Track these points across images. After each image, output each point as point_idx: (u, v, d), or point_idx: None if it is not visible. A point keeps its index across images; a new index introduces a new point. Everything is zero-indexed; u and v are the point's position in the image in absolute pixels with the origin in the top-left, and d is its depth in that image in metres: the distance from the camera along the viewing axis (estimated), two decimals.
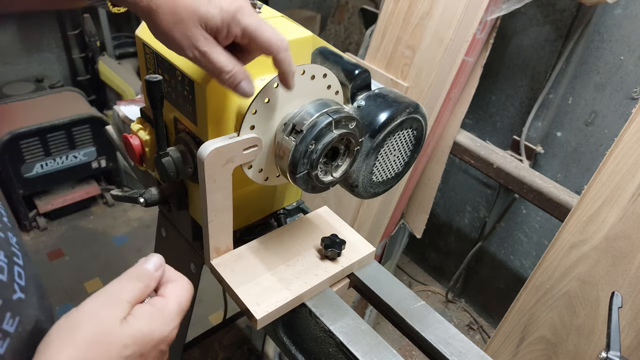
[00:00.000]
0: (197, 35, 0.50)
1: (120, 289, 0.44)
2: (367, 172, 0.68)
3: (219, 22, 0.50)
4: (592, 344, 1.15)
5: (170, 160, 0.67)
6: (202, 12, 0.49)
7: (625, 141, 1.09)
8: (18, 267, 0.44)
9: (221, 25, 0.50)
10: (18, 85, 2.39)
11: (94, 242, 2.36)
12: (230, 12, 0.50)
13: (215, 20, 0.50)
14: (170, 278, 0.49)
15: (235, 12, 0.50)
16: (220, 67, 0.52)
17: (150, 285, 0.46)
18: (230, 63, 0.52)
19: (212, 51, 0.51)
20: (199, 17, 0.49)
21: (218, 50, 0.51)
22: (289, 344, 0.71)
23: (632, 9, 1.33)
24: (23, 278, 0.44)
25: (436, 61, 1.41)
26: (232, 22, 0.50)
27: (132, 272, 0.46)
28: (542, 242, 1.80)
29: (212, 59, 0.51)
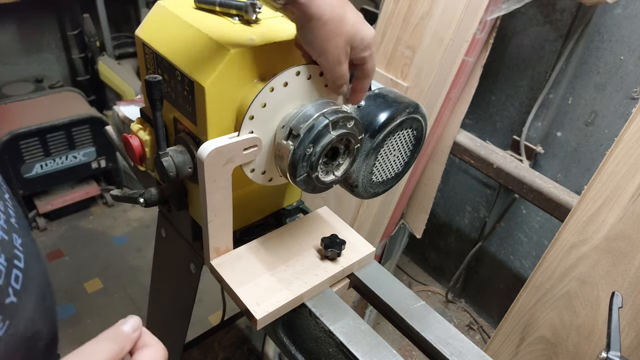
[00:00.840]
0: (343, 50, 0.58)
1: (95, 349, 0.45)
2: (367, 172, 0.68)
3: (359, 42, 0.58)
4: (592, 344, 1.15)
5: (170, 160, 0.67)
6: (356, 33, 0.57)
7: (625, 141, 1.09)
8: (17, 270, 0.45)
9: (360, 44, 0.58)
10: (18, 85, 2.39)
11: (94, 242, 2.36)
12: (370, 39, 0.59)
13: (364, 43, 0.58)
14: (147, 343, 0.49)
15: (372, 39, 0.59)
16: (342, 75, 0.60)
17: (125, 347, 0.46)
18: (347, 76, 0.61)
19: (344, 61, 0.59)
20: (351, 36, 0.57)
21: (346, 63, 0.60)
22: (288, 344, 0.71)
23: (632, 9, 1.33)
24: (20, 281, 0.45)
25: (436, 61, 1.41)
26: (367, 46, 0.59)
27: (109, 332, 0.46)
28: (542, 242, 1.80)
29: (342, 71, 0.60)
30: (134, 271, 2.22)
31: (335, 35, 0.57)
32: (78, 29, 2.51)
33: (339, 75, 0.60)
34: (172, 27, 0.67)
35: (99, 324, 1.99)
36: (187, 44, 0.64)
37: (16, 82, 2.41)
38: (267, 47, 0.63)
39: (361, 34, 0.58)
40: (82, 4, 2.44)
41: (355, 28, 0.57)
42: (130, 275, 2.20)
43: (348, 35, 0.57)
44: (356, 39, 0.58)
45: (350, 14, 0.58)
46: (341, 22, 0.56)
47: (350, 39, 0.58)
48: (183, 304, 0.97)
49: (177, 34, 0.66)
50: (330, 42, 0.57)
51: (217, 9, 0.67)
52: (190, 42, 0.63)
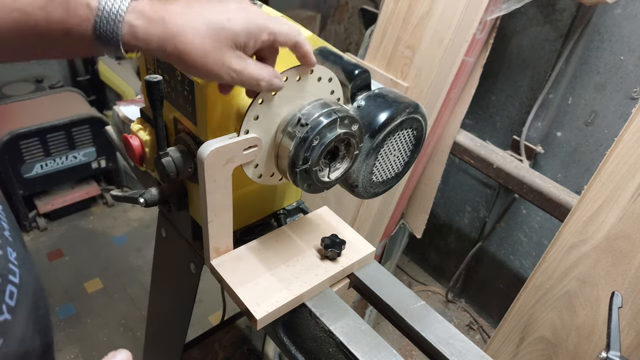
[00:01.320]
0: (229, 57, 0.51)
1: None
2: (367, 172, 0.68)
3: (244, 37, 0.51)
4: (592, 344, 1.15)
5: (170, 160, 0.67)
6: (230, 33, 0.50)
7: (625, 141, 1.09)
8: (12, 286, 0.44)
9: (247, 38, 0.51)
10: (18, 85, 2.39)
11: (94, 242, 2.36)
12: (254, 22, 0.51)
13: (242, 37, 0.51)
14: None
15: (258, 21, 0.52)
16: (256, 78, 0.53)
17: None
18: (262, 71, 0.54)
19: (246, 67, 0.52)
20: (228, 40, 0.50)
21: (249, 64, 0.53)
22: (289, 344, 0.71)
23: (632, 9, 1.33)
24: (15, 297, 0.44)
25: (436, 61, 1.41)
26: (258, 31, 0.52)
27: None
28: (542, 242, 1.80)
29: (247, 75, 0.53)
30: (134, 271, 2.22)
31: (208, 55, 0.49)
32: None
33: (254, 83, 0.54)
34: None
35: (99, 324, 1.99)
36: None
37: (16, 82, 2.41)
38: None
39: (237, 29, 0.50)
40: None
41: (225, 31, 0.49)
42: (130, 275, 2.20)
43: (225, 44, 0.50)
44: (237, 38, 0.50)
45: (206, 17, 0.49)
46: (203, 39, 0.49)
47: (230, 44, 0.50)
48: (183, 304, 0.97)
49: None
50: (209, 66, 0.50)
51: None
52: None
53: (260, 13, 0.53)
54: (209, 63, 0.50)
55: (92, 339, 1.93)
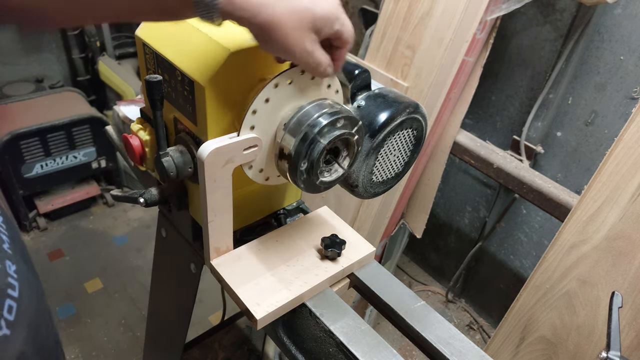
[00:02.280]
0: (307, 39, 0.54)
1: None
2: (367, 172, 0.68)
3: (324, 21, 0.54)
4: (592, 344, 1.15)
5: (170, 160, 0.67)
6: (315, 15, 0.53)
7: (625, 141, 1.09)
8: (10, 300, 0.44)
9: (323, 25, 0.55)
10: (18, 85, 2.39)
11: (94, 242, 2.36)
12: (333, 16, 0.55)
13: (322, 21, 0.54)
14: None
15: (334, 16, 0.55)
16: (319, 62, 0.57)
17: None
18: (325, 58, 0.58)
19: (315, 50, 0.56)
20: (312, 20, 0.53)
21: (318, 49, 0.57)
22: (289, 344, 0.71)
23: (632, 9, 1.33)
24: (14, 312, 0.44)
25: (436, 61, 1.41)
26: (332, 25, 0.55)
27: None
28: (542, 242, 1.80)
29: (315, 58, 0.56)
30: (134, 271, 2.22)
31: (292, 31, 0.53)
32: (78, 29, 2.51)
33: (314, 66, 0.57)
34: (172, 27, 0.67)
35: (99, 324, 2.00)
36: (187, 43, 0.64)
37: (16, 82, 2.41)
38: None
39: (320, 14, 0.54)
40: None
41: (311, 13, 0.53)
42: (131, 275, 2.20)
43: (306, 25, 0.53)
44: (317, 22, 0.54)
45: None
46: (292, 15, 0.52)
47: (310, 26, 0.54)
48: (183, 304, 0.97)
49: (177, 34, 0.66)
50: (289, 41, 0.53)
51: None
52: (190, 42, 0.63)
53: (338, 4, 0.56)
54: (289, 39, 0.53)
55: (92, 339, 1.93)
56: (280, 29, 0.52)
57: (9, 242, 0.47)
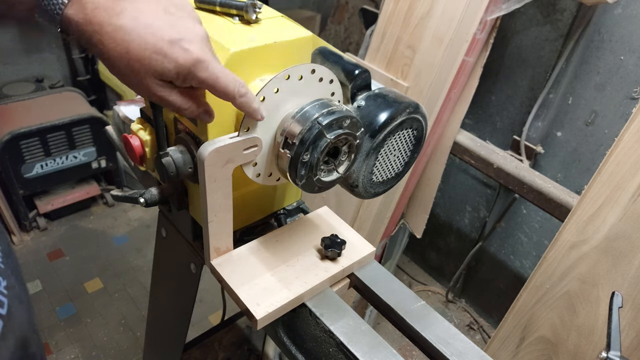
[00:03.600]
0: (152, 84, 0.51)
1: None
2: (367, 172, 0.68)
3: (174, 75, 0.50)
4: (592, 344, 1.15)
5: (170, 160, 0.67)
6: (155, 66, 0.49)
7: (625, 141, 1.09)
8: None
9: (176, 78, 0.51)
10: (18, 85, 2.39)
11: (94, 242, 2.36)
12: (186, 67, 0.49)
13: (170, 74, 0.50)
14: None
15: (191, 67, 0.50)
16: (178, 107, 0.54)
17: None
18: (185, 103, 0.54)
19: (168, 95, 0.52)
20: (153, 71, 0.49)
21: (173, 94, 0.53)
22: (289, 344, 0.71)
23: (632, 9, 1.33)
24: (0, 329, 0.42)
25: (436, 61, 1.41)
26: (187, 76, 0.50)
27: None
28: (542, 242, 1.80)
29: (169, 102, 0.53)
30: (134, 271, 2.22)
31: (129, 72, 0.49)
32: None
33: (176, 109, 0.53)
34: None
35: (99, 323, 2.00)
36: None
37: (17, 82, 2.41)
38: (267, 47, 0.63)
39: (166, 66, 0.48)
40: None
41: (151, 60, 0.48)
42: (131, 275, 2.20)
43: (147, 71, 0.49)
44: (162, 72, 0.49)
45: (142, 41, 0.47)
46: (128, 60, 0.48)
47: (155, 74, 0.49)
48: (183, 304, 0.97)
49: None
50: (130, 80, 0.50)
51: (218, 9, 0.67)
52: None
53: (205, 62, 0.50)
54: (131, 79, 0.50)
55: (92, 339, 1.93)
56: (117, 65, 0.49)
57: (1, 257, 0.46)
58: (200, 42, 0.51)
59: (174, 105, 0.53)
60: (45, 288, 2.11)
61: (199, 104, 0.55)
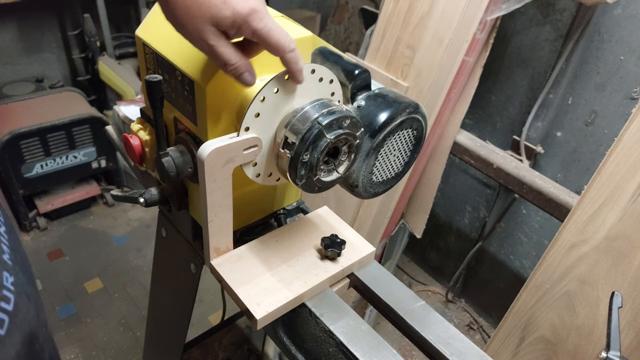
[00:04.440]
0: (207, 31, 0.52)
1: None
2: (367, 172, 0.68)
3: (229, 23, 0.51)
4: (592, 344, 1.15)
5: (170, 160, 0.67)
6: (214, 12, 0.50)
7: (625, 141, 1.09)
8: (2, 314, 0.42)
9: (231, 26, 0.52)
10: (18, 85, 2.39)
11: (94, 242, 2.36)
12: (242, 15, 0.51)
13: (227, 22, 0.51)
14: None
15: (247, 16, 0.51)
16: (225, 60, 0.54)
17: None
18: (234, 57, 0.54)
19: (219, 45, 0.53)
20: (210, 16, 0.51)
21: (224, 44, 0.53)
22: (289, 344, 0.71)
23: (632, 9, 1.33)
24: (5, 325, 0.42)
25: (436, 61, 1.41)
26: (242, 25, 0.52)
27: None
28: (542, 242, 1.80)
29: (218, 53, 0.53)
30: (134, 271, 2.22)
31: (188, 16, 0.51)
32: (78, 29, 2.51)
33: (221, 61, 0.54)
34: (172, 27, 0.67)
35: (99, 323, 2.00)
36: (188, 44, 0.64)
37: (17, 82, 2.41)
38: None
39: (224, 13, 0.50)
40: (83, 3, 2.45)
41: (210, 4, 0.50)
42: (131, 275, 2.20)
43: (205, 16, 0.50)
44: (219, 18, 0.51)
45: None
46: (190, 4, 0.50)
47: (211, 19, 0.51)
48: (183, 304, 0.97)
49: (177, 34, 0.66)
50: (186, 25, 0.51)
51: None
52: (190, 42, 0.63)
53: (261, 13, 0.52)
54: (188, 24, 0.51)
55: (92, 339, 1.93)
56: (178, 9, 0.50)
57: (9, 253, 0.46)
58: None
59: (223, 57, 0.53)
60: (45, 288, 2.11)
61: (245, 61, 0.56)
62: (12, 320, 0.43)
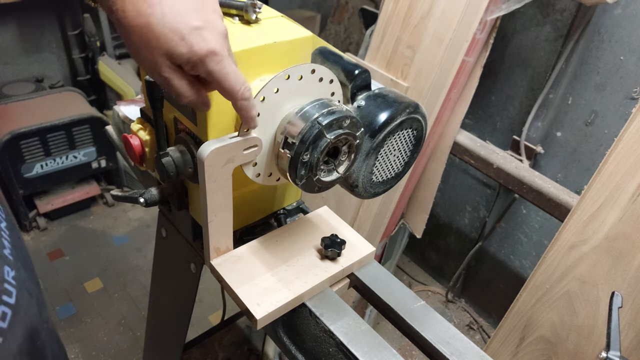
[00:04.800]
0: (161, 63, 0.51)
1: None
2: (367, 172, 0.68)
3: (184, 60, 0.50)
4: (592, 344, 1.15)
5: (170, 160, 0.67)
6: (170, 46, 0.49)
7: (625, 141, 1.09)
8: (4, 307, 0.43)
9: (186, 63, 0.51)
10: (18, 85, 2.39)
11: (94, 242, 2.36)
12: (199, 55, 0.49)
13: (182, 58, 0.50)
14: None
15: (204, 57, 0.50)
16: (178, 92, 0.53)
17: None
18: (187, 91, 0.53)
19: (172, 78, 0.52)
20: (166, 49, 0.49)
21: (178, 78, 0.52)
22: (289, 344, 0.71)
23: (632, 9, 1.33)
24: (7, 319, 0.42)
25: (436, 61, 1.41)
26: (198, 64, 0.50)
27: None
28: (542, 242, 1.80)
29: (171, 85, 0.52)
30: (134, 271, 2.22)
31: (143, 46, 0.49)
32: (78, 29, 2.51)
33: (172, 93, 0.53)
34: None
35: (99, 323, 2.00)
36: None
37: (16, 82, 2.41)
38: (267, 47, 0.63)
39: (179, 49, 0.48)
40: (83, 3, 2.45)
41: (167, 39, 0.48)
42: (131, 275, 2.20)
43: (160, 49, 0.49)
44: (175, 54, 0.49)
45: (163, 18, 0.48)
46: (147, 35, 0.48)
47: (167, 54, 0.49)
48: (183, 304, 0.97)
49: None
50: (141, 54, 0.50)
51: None
52: None
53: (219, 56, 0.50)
54: (142, 53, 0.50)
55: (92, 339, 1.93)
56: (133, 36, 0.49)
57: (10, 248, 0.47)
58: (219, 36, 0.51)
59: (176, 90, 0.53)
60: (45, 288, 2.11)
61: (199, 94, 0.55)
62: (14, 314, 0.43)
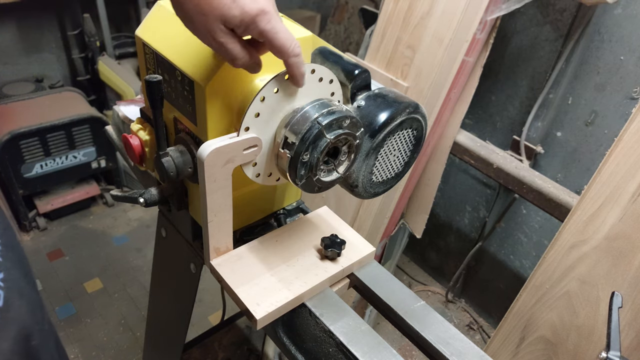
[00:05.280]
0: (216, 28, 0.53)
1: None
2: (367, 172, 0.68)
3: (237, 22, 0.52)
4: (592, 344, 1.15)
5: (170, 160, 0.67)
6: (223, 10, 0.51)
7: (625, 141, 1.09)
8: None
9: (239, 25, 0.53)
10: (18, 85, 2.39)
11: (94, 242, 2.36)
12: (250, 15, 0.52)
13: (235, 21, 0.52)
14: None
15: (255, 16, 0.52)
16: (233, 56, 0.55)
17: None
18: (241, 54, 0.56)
19: (227, 42, 0.54)
20: (219, 14, 0.52)
21: (232, 42, 0.54)
22: (288, 344, 0.71)
23: (632, 9, 1.33)
24: None
25: (436, 61, 1.41)
26: (250, 25, 0.53)
27: None
28: (542, 242, 1.80)
29: (226, 49, 0.55)
30: (134, 271, 2.22)
31: (197, 13, 0.52)
32: (78, 29, 2.51)
33: (230, 57, 0.55)
34: (172, 27, 0.67)
35: (99, 324, 1.99)
36: (187, 43, 0.64)
37: (16, 82, 2.41)
38: None
39: (232, 12, 0.51)
40: (82, 3, 2.45)
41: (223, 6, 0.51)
42: (130, 275, 2.20)
43: (214, 14, 0.51)
44: (228, 17, 0.52)
45: None
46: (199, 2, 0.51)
47: (220, 18, 0.52)
48: (183, 304, 0.97)
49: (177, 34, 0.66)
50: (195, 22, 0.53)
51: None
52: (190, 42, 0.63)
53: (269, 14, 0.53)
54: (197, 21, 0.53)
55: (92, 339, 1.93)
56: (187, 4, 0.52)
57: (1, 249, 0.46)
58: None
59: (231, 53, 0.55)
60: (45, 288, 2.11)
61: (252, 56, 0.57)
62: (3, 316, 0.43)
